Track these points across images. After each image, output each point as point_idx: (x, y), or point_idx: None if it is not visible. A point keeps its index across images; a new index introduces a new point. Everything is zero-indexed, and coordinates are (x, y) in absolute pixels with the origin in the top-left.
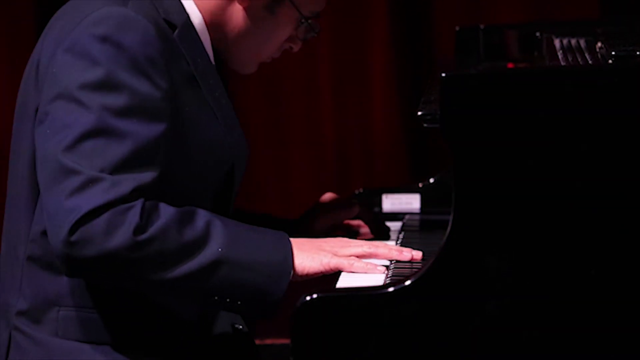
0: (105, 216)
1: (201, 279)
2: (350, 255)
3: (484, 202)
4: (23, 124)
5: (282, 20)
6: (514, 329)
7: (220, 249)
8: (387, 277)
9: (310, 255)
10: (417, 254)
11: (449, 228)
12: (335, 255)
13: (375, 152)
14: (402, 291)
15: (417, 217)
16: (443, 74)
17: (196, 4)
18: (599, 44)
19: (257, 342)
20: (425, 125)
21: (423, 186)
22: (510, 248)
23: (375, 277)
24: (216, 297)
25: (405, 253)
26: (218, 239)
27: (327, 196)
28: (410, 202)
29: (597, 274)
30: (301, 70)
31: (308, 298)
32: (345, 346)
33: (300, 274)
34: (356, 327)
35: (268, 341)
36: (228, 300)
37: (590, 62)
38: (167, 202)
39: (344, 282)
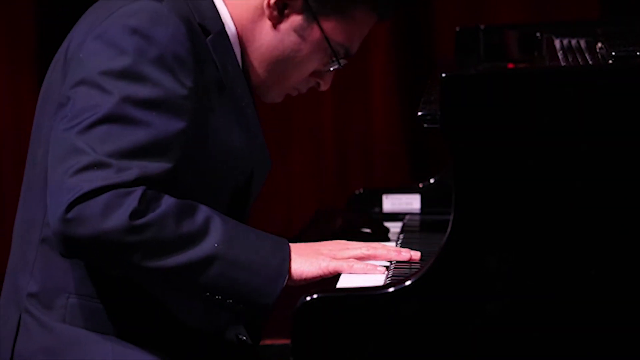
0: (103, 197)
1: (194, 272)
2: (349, 258)
3: (484, 202)
4: (45, 111)
5: (311, 47)
6: (514, 329)
7: (216, 245)
8: (387, 278)
9: (308, 259)
10: (416, 254)
11: (449, 228)
12: (334, 258)
13: (375, 153)
14: (402, 291)
15: (418, 217)
16: (443, 75)
17: (231, 14)
18: (599, 45)
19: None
20: (425, 125)
21: (423, 186)
22: (510, 248)
23: (375, 278)
24: (208, 293)
25: (403, 253)
26: (216, 234)
27: None
28: (410, 202)
29: (597, 273)
30: None
31: (308, 298)
32: (346, 346)
33: (298, 278)
34: (356, 328)
35: (268, 341)
36: (219, 297)
37: (590, 62)
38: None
39: (344, 282)
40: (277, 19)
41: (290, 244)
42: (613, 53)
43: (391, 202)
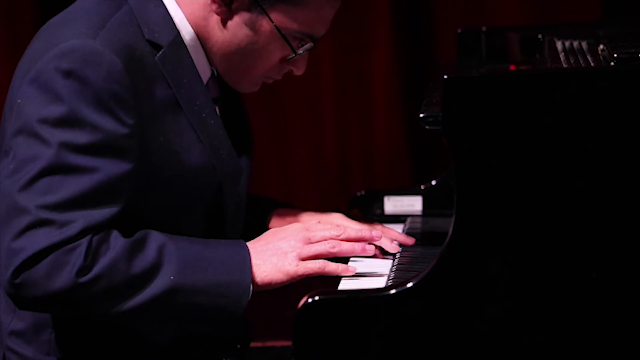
0: (49, 258)
1: (156, 308)
2: (316, 255)
3: (486, 204)
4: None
5: (266, 39)
6: (516, 332)
7: (172, 277)
8: (389, 279)
9: (274, 265)
10: (372, 249)
11: (450, 230)
12: (300, 257)
13: (377, 154)
14: (404, 293)
15: (419, 219)
16: (445, 76)
17: (186, 16)
18: (601, 47)
19: (259, 344)
20: (427, 127)
21: (425, 188)
22: (512, 250)
23: (376, 280)
24: (177, 322)
25: (367, 248)
26: (170, 266)
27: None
28: (412, 204)
29: (599, 276)
30: (303, 73)
31: (310, 300)
32: (347, 348)
33: (265, 287)
34: (358, 329)
35: (269, 343)
36: (190, 325)
37: (592, 64)
38: (152, 227)
39: (345, 284)
40: (225, 13)
41: (250, 247)
42: (615, 55)
43: (393, 204)
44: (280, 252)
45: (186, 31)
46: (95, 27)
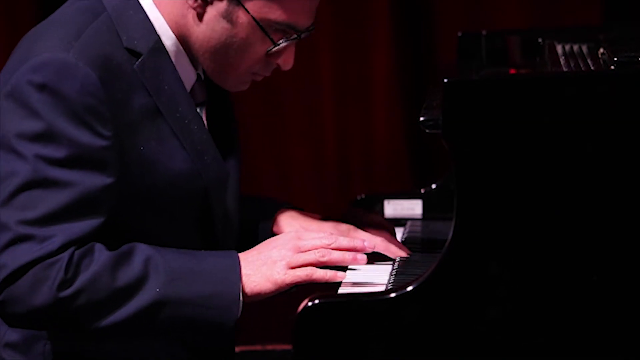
0: (30, 274)
1: (142, 321)
2: (305, 264)
3: (486, 207)
4: None
5: (245, 31)
6: (516, 335)
7: (158, 289)
8: (389, 283)
9: (263, 274)
10: (363, 258)
11: (450, 234)
12: (289, 266)
13: (377, 158)
14: (403, 297)
15: (419, 222)
16: (445, 80)
17: (165, 18)
18: (601, 50)
19: (259, 347)
20: (427, 131)
21: (425, 192)
22: (513, 254)
23: (377, 283)
24: (167, 334)
25: (359, 257)
26: (157, 278)
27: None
28: (412, 207)
29: (599, 279)
30: (303, 75)
31: (310, 304)
32: (347, 352)
33: (254, 297)
34: (358, 333)
35: (269, 347)
36: (179, 335)
37: (592, 68)
38: (139, 239)
39: (346, 287)
40: (202, 7)
41: (242, 257)
42: (615, 59)
43: (393, 208)
44: (270, 261)
45: (167, 36)
46: (70, 38)
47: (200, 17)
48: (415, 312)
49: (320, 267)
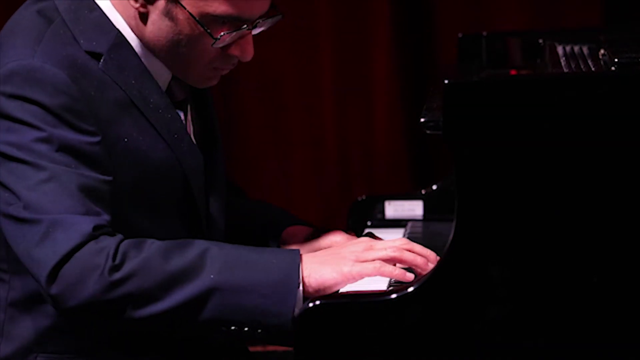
0: (77, 263)
1: (195, 309)
2: (375, 260)
3: (487, 209)
4: None
5: (188, 27)
6: (517, 337)
7: (212, 276)
8: (389, 284)
9: (327, 266)
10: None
11: (451, 235)
12: (358, 261)
13: (377, 159)
14: (404, 298)
15: (420, 223)
16: (446, 81)
17: (124, 19)
18: (602, 51)
19: (259, 349)
20: (427, 132)
21: (426, 193)
22: (513, 255)
23: (377, 283)
24: (223, 328)
25: (430, 264)
26: (212, 266)
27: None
28: (413, 208)
29: (599, 280)
30: (303, 77)
31: (311, 305)
32: (348, 353)
33: (317, 288)
34: (359, 334)
35: (270, 348)
36: (233, 328)
37: (593, 69)
38: (127, 234)
39: (347, 287)
40: (144, 7)
41: (308, 254)
42: (616, 60)
43: (394, 209)
44: (338, 256)
45: (129, 34)
46: (31, 44)
47: (145, 17)
48: (415, 313)
49: None
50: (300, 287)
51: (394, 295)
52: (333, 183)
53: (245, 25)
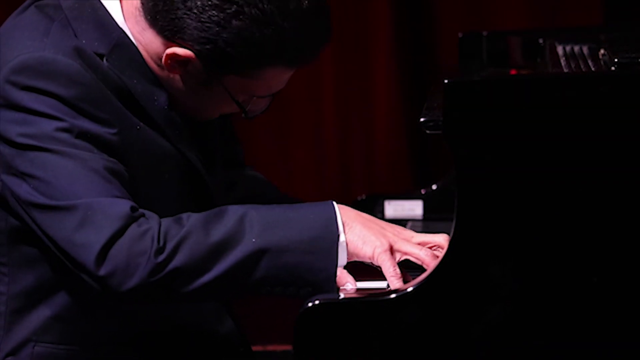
0: (123, 243)
1: (241, 274)
2: (407, 254)
3: (487, 208)
4: None
5: (218, 96)
6: (517, 337)
7: (254, 240)
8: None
9: (368, 234)
10: None
11: (451, 235)
12: (392, 248)
13: (378, 159)
14: (403, 297)
15: (420, 223)
16: (446, 81)
17: (134, 36)
18: (602, 51)
19: (259, 348)
20: (428, 131)
21: (426, 192)
22: (513, 255)
23: (378, 282)
24: (269, 288)
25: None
26: (251, 230)
27: None
28: (412, 208)
29: (599, 281)
30: (304, 76)
31: (310, 304)
32: (347, 352)
33: (351, 250)
34: (358, 334)
35: (270, 347)
36: (280, 287)
37: (593, 69)
38: None
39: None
40: (178, 70)
41: (354, 210)
42: (616, 60)
43: (393, 208)
44: (381, 231)
45: (130, 34)
46: (40, 36)
47: (178, 75)
48: (415, 313)
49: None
50: (342, 238)
51: (393, 295)
52: (333, 182)
53: (270, 97)
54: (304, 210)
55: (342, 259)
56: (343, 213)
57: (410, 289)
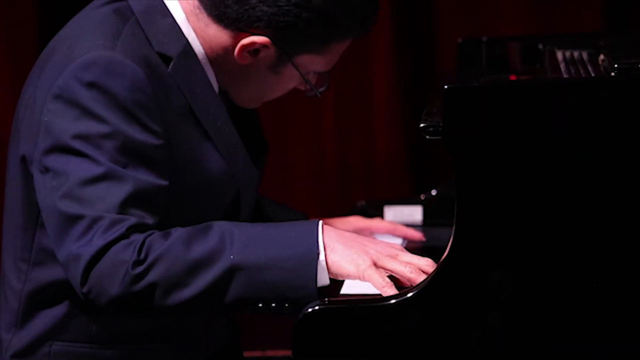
0: (106, 260)
1: (220, 291)
2: (391, 271)
3: (486, 213)
4: (13, 146)
5: (286, 78)
6: (517, 342)
7: (232, 257)
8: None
9: (351, 254)
10: None
11: (450, 240)
12: (376, 265)
13: (377, 164)
14: (403, 303)
15: (419, 229)
16: (446, 86)
17: (197, 34)
18: (602, 57)
19: (259, 353)
20: (427, 137)
21: (425, 198)
22: (513, 260)
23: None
24: (250, 306)
25: None
26: (231, 247)
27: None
28: (412, 214)
29: (598, 286)
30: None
31: (310, 309)
32: (347, 358)
33: (335, 271)
34: (358, 339)
35: (269, 353)
36: (261, 305)
37: (592, 74)
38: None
39: (347, 289)
40: (249, 59)
41: (338, 230)
42: (616, 65)
43: (393, 214)
44: (362, 247)
45: (195, 43)
46: (112, 37)
47: (246, 63)
48: (414, 319)
49: None
50: (322, 257)
51: (393, 301)
52: (333, 188)
53: (327, 76)
54: (286, 228)
55: (323, 279)
56: (326, 234)
57: (410, 295)
